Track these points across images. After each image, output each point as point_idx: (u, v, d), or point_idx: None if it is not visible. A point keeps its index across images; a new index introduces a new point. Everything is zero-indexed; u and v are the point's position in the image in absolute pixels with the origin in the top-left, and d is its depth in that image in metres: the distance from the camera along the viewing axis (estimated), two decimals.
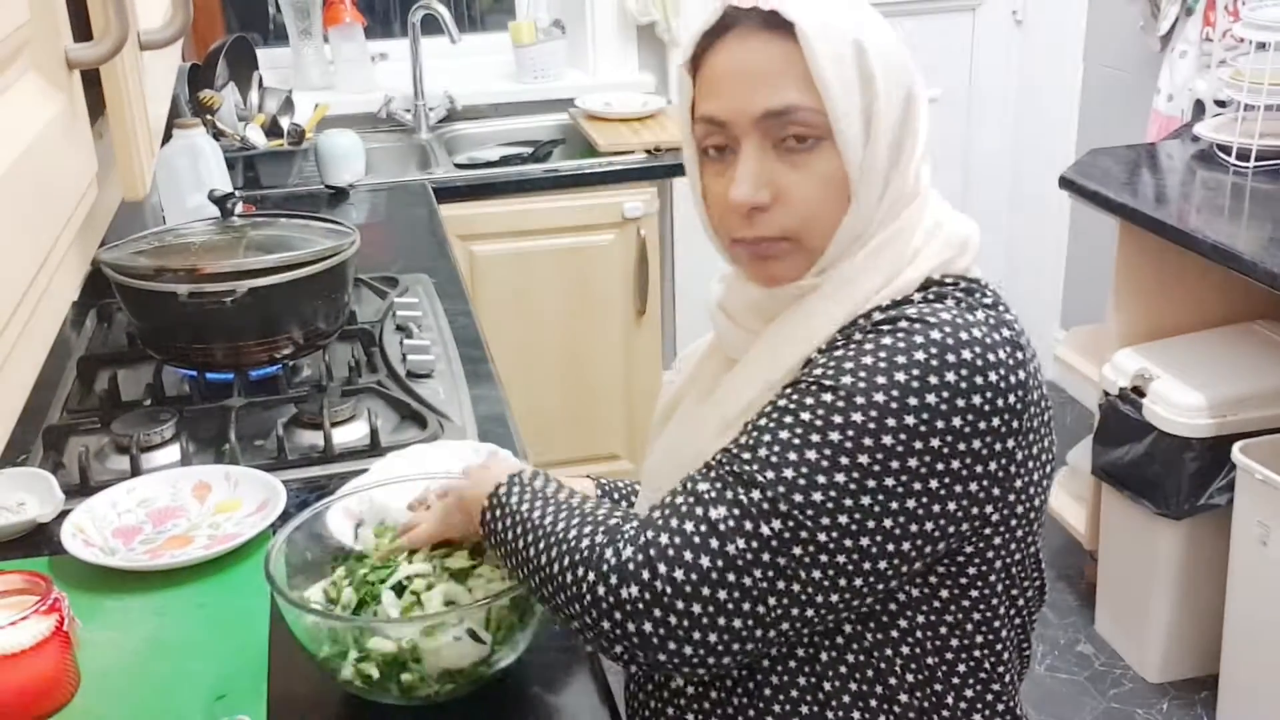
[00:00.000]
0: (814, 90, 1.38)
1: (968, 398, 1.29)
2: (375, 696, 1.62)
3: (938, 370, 1.29)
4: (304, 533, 1.77)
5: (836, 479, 1.28)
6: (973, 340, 1.32)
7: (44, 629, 1.58)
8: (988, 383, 1.30)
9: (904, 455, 1.28)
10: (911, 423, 1.27)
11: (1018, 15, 5.33)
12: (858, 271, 1.42)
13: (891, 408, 1.28)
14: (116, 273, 2.44)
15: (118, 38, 1.18)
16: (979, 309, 1.36)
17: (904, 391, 1.28)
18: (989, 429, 1.31)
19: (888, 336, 1.32)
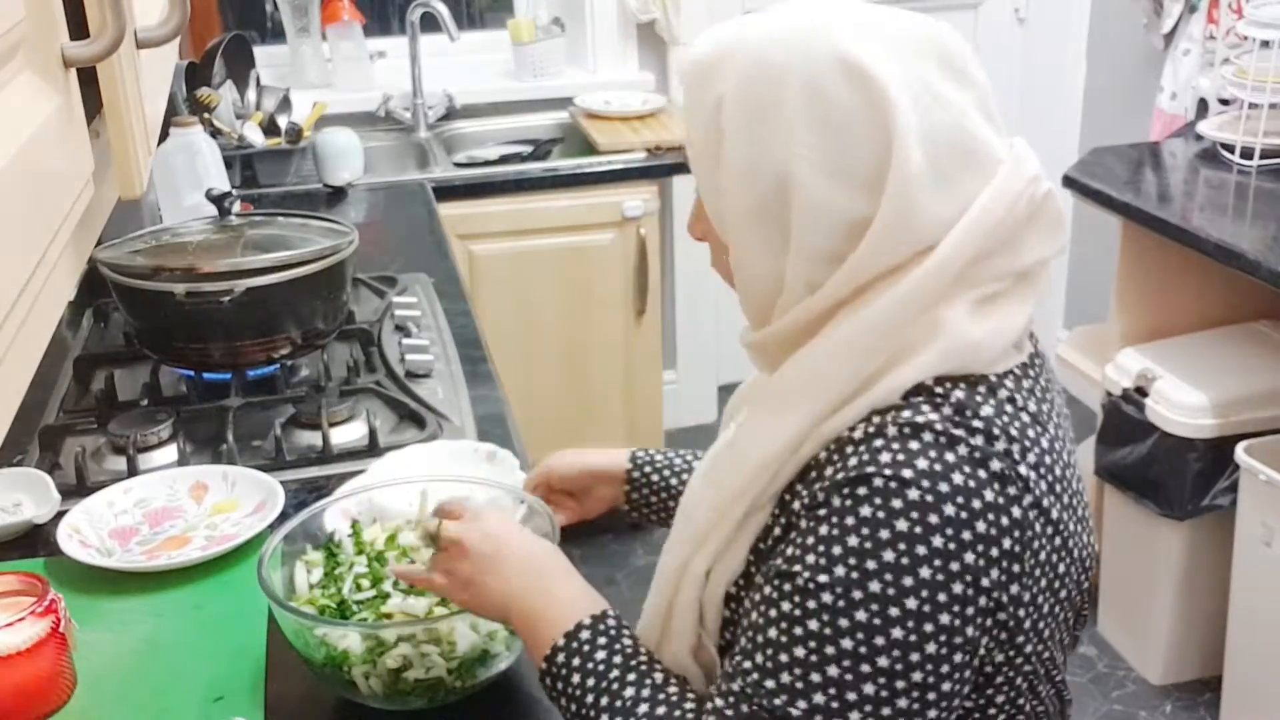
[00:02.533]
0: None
1: (960, 558, 1.21)
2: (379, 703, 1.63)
3: (923, 538, 1.20)
4: (300, 535, 1.77)
5: (865, 690, 1.23)
6: (954, 491, 1.22)
7: (40, 631, 1.58)
8: (978, 535, 1.22)
9: (919, 643, 1.22)
10: (913, 606, 1.21)
11: (1020, 13, 5.33)
12: (824, 358, 1.31)
13: (890, 596, 1.21)
14: (113, 272, 2.44)
15: (114, 35, 1.17)
16: (961, 443, 1.24)
17: (896, 573, 1.20)
18: (991, 583, 1.24)
19: (865, 505, 1.22)
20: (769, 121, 1.28)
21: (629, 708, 1.36)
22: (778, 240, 1.31)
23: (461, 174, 4.34)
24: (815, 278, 1.31)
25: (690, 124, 1.36)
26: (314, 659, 1.61)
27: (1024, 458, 1.26)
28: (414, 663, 1.58)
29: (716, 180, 1.34)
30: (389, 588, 1.70)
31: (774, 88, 1.28)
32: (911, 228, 1.27)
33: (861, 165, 1.26)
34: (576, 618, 1.44)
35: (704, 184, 1.36)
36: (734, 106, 1.30)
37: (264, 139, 4.07)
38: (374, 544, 1.79)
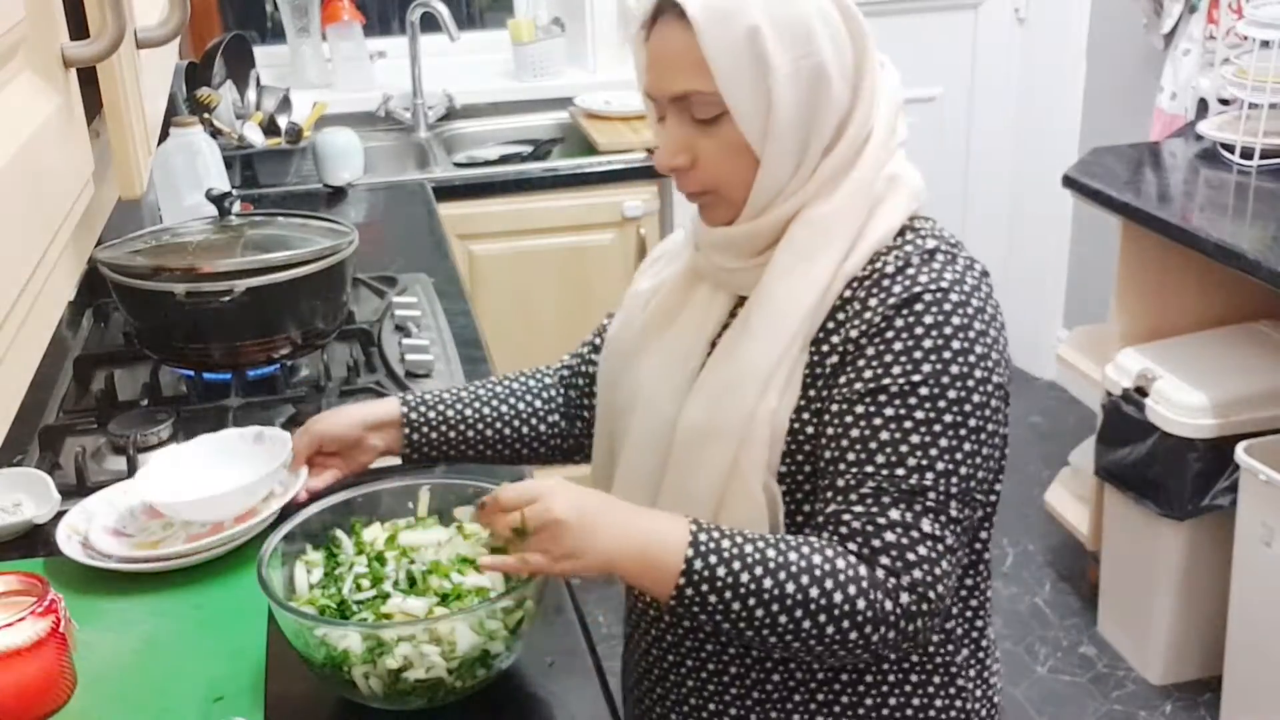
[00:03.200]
0: (710, 75, 1.57)
1: (988, 334, 1.58)
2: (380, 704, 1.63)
3: (969, 326, 1.56)
4: (300, 535, 1.77)
5: (966, 448, 1.56)
6: (972, 290, 1.59)
7: (40, 630, 1.58)
8: (989, 318, 1.60)
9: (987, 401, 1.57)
10: (981, 375, 1.56)
11: (1020, 13, 5.32)
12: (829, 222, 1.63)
13: (965, 373, 1.55)
14: (113, 272, 2.44)
15: (114, 35, 1.18)
16: (958, 257, 1.61)
17: (964, 356, 1.55)
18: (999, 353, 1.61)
19: (927, 314, 1.55)
20: (802, 41, 1.57)
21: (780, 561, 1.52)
22: (806, 137, 1.61)
23: (461, 174, 4.34)
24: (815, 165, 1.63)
25: (718, 55, 1.57)
26: (314, 659, 1.61)
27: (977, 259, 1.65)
28: (414, 663, 1.58)
29: (759, 98, 1.58)
30: (389, 588, 1.69)
31: (800, 14, 1.58)
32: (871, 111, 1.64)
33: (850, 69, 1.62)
34: (679, 535, 1.54)
35: (743, 104, 1.58)
36: (773, 33, 1.56)
37: (264, 139, 4.07)
38: (374, 544, 1.77)
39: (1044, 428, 5.19)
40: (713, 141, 1.63)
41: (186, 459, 2.09)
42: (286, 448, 2.01)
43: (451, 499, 1.84)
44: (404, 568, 1.71)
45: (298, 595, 1.72)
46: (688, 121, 1.63)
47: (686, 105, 1.62)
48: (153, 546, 1.98)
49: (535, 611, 1.67)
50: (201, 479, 2.04)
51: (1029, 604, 4.14)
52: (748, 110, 1.58)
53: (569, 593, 1.91)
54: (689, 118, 1.63)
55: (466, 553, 1.72)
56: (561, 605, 1.88)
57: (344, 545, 1.78)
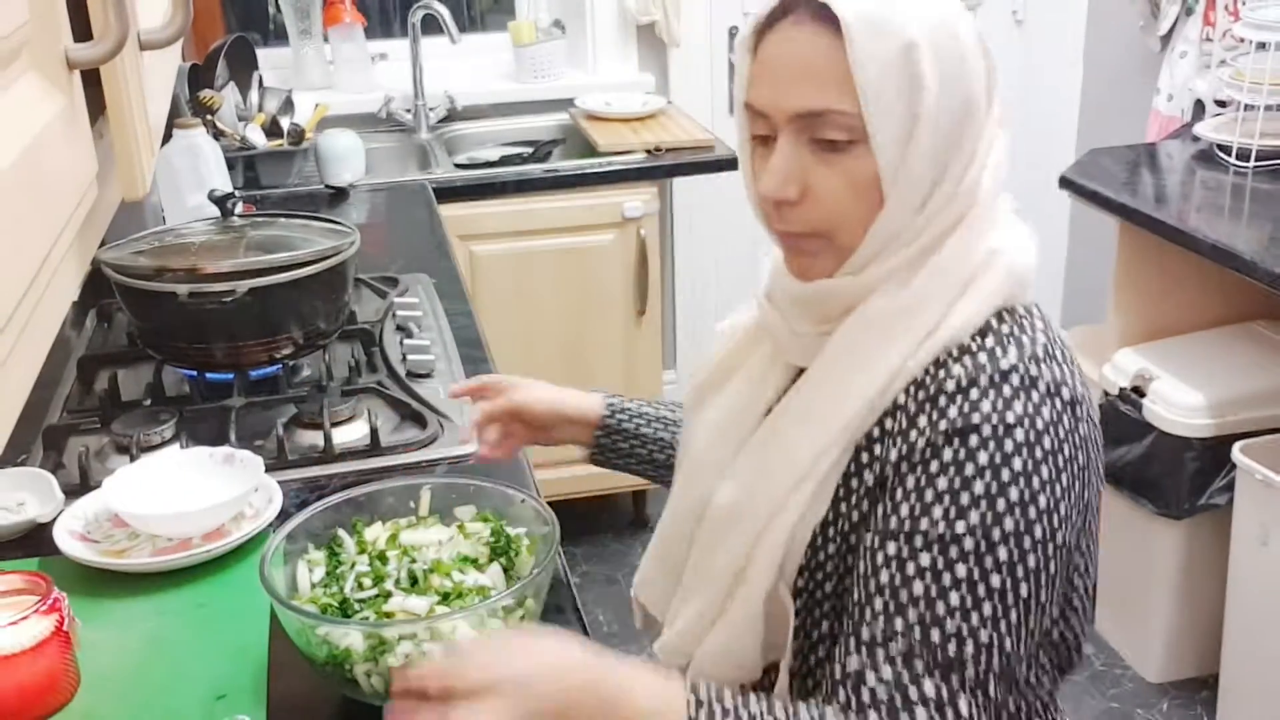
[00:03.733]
0: (853, 92, 1.38)
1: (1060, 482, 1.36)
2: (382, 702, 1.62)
3: (1035, 471, 1.34)
4: (302, 534, 1.78)
5: (1012, 618, 1.34)
6: (1046, 426, 1.36)
7: (44, 629, 1.58)
8: (1067, 459, 1.37)
9: (1046, 564, 1.35)
10: (1040, 534, 1.34)
11: (1018, 15, 5.31)
12: (913, 299, 1.43)
13: (1021, 529, 1.34)
14: (116, 272, 2.44)
15: (118, 38, 1.17)
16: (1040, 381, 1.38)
17: (1023, 508, 1.34)
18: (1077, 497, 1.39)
19: (981, 452, 1.34)
20: (957, 65, 1.40)
21: None
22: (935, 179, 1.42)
23: (463, 175, 4.33)
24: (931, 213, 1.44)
25: (868, 70, 1.37)
26: (316, 657, 1.61)
27: (1076, 377, 1.42)
28: (416, 661, 1.56)
29: (905, 124, 1.39)
30: (390, 586, 1.69)
31: (958, 32, 1.41)
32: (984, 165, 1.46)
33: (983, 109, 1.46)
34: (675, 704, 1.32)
35: (888, 128, 1.39)
36: (929, 51, 1.38)
37: (266, 140, 4.07)
38: (375, 543, 1.78)
39: None
40: (834, 172, 1.42)
41: (155, 472, 2.10)
42: (258, 471, 2.05)
43: (453, 499, 1.85)
44: (405, 566, 1.71)
45: (300, 594, 1.72)
46: (805, 145, 1.42)
47: (810, 126, 1.41)
48: (118, 555, 1.97)
49: (536, 610, 1.67)
50: (169, 493, 2.05)
51: None
52: (888, 138, 1.38)
53: (570, 592, 1.91)
54: (808, 140, 1.42)
55: (468, 552, 1.74)
56: (562, 605, 1.87)
57: (346, 544, 1.79)
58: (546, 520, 1.74)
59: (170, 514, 2.01)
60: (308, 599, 1.71)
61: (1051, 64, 5.22)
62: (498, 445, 2.01)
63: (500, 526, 1.78)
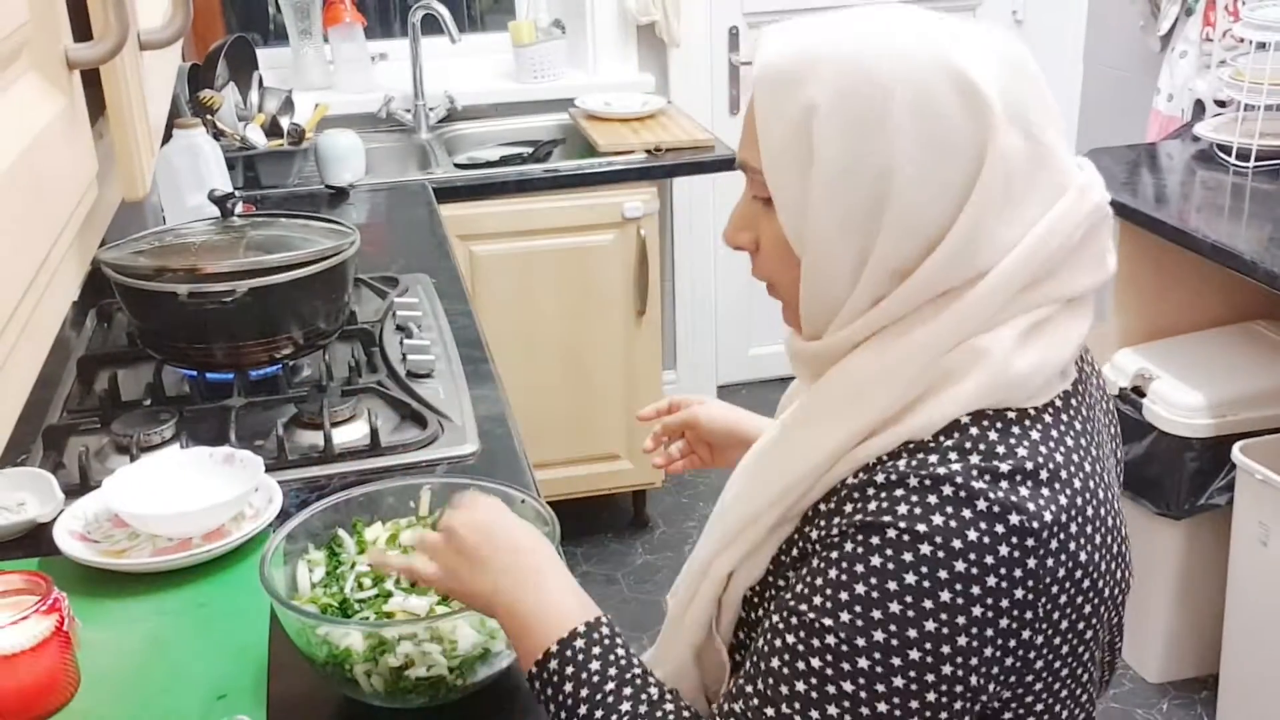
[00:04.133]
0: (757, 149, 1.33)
1: (968, 612, 1.21)
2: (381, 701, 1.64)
3: (931, 592, 1.20)
4: (302, 534, 1.78)
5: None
6: (967, 548, 1.21)
7: (44, 629, 1.58)
8: (988, 589, 1.21)
9: (919, 691, 1.22)
10: (916, 657, 1.21)
11: (1018, 15, 5.31)
12: (868, 380, 1.30)
13: (893, 646, 1.21)
14: (116, 272, 2.44)
15: (118, 38, 1.17)
16: (980, 498, 1.22)
17: (901, 624, 1.21)
18: (998, 633, 1.23)
19: (876, 555, 1.22)
20: (872, 132, 1.24)
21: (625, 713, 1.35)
22: (860, 250, 1.28)
23: (462, 175, 4.33)
24: (883, 291, 1.29)
25: (766, 131, 1.30)
26: (316, 657, 1.62)
27: (1052, 502, 1.24)
28: (416, 661, 1.59)
29: (802, 188, 1.29)
30: (391, 586, 1.71)
31: (879, 98, 1.24)
32: (979, 248, 1.26)
33: (953, 181, 1.25)
34: (569, 623, 1.41)
35: (784, 192, 1.30)
36: (832, 115, 1.26)
37: (266, 140, 4.07)
38: (376, 543, 1.79)
39: None
40: (769, 227, 1.36)
41: (155, 472, 2.10)
42: (258, 471, 2.06)
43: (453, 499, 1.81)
44: None
45: (300, 594, 1.73)
46: (750, 197, 1.38)
47: (750, 179, 1.37)
48: (117, 555, 1.98)
49: None
50: (169, 494, 2.06)
51: None
52: (786, 201, 1.31)
53: None
54: (750, 193, 1.38)
55: None
56: None
57: (346, 544, 1.80)
58: (547, 520, 1.73)
59: (170, 514, 2.01)
60: (308, 599, 1.71)
61: (1051, 64, 5.20)
62: (677, 459, 2.00)
63: None
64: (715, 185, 4.81)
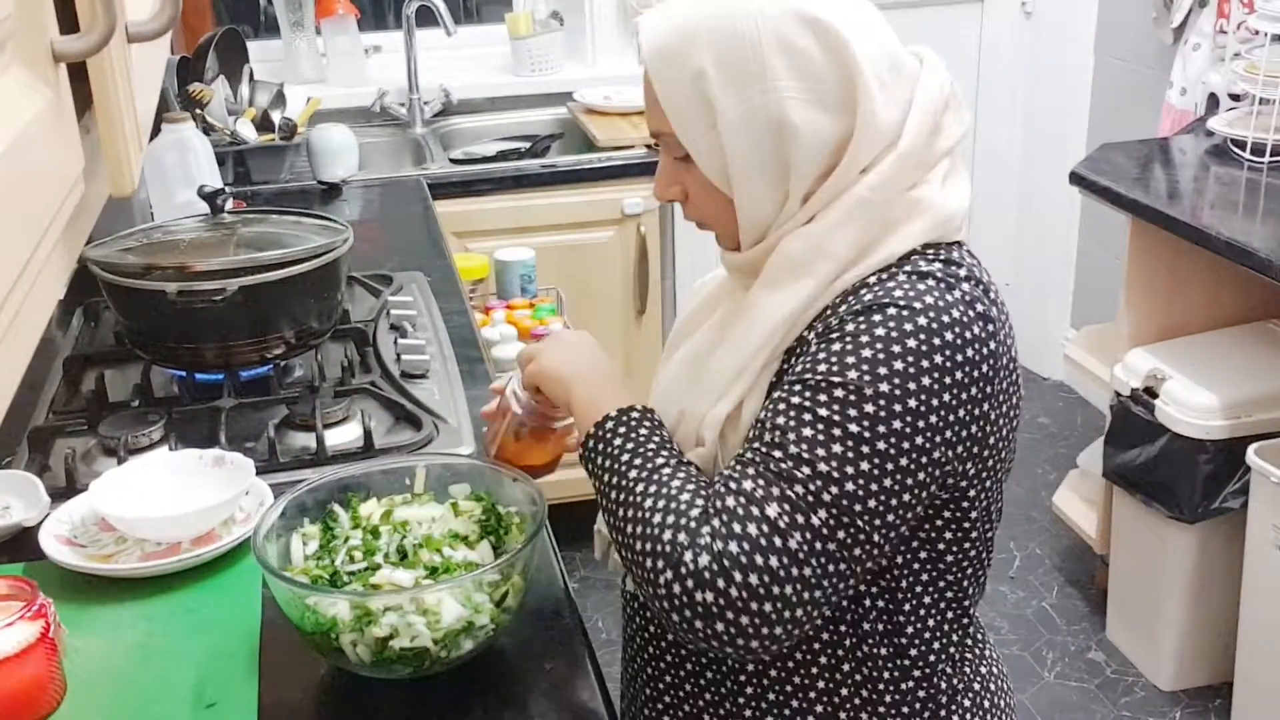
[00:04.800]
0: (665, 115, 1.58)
1: (952, 374, 1.47)
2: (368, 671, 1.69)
3: (926, 354, 1.46)
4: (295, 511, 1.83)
5: (862, 467, 1.45)
6: (952, 322, 1.48)
7: (29, 635, 1.58)
8: (966, 358, 1.48)
9: (911, 434, 1.46)
10: (913, 405, 1.45)
11: (1027, 7, 5.32)
12: (825, 233, 1.55)
13: (895, 394, 1.45)
14: (104, 270, 2.43)
15: (105, 30, 1.17)
16: (956, 288, 1.52)
17: (903, 378, 1.45)
18: (969, 398, 1.50)
19: (880, 327, 1.47)
20: (754, 79, 1.52)
21: (656, 467, 1.56)
22: (778, 173, 1.55)
23: (458, 170, 4.34)
24: (809, 192, 1.56)
25: (669, 100, 1.56)
26: (304, 626, 1.67)
27: (995, 302, 1.56)
28: (400, 632, 1.64)
29: (712, 141, 1.55)
30: (380, 560, 1.75)
31: (751, 51, 1.52)
32: (879, 132, 1.53)
33: (833, 93, 1.53)
34: (614, 403, 1.65)
35: (697, 146, 1.56)
36: (718, 75, 1.52)
37: (257, 135, 4.05)
38: (370, 518, 1.84)
39: (1051, 429, 5.18)
40: (693, 179, 1.62)
41: (143, 475, 2.10)
42: (249, 474, 2.08)
43: (448, 477, 1.92)
44: (396, 541, 1.78)
45: (293, 565, 1.78)
46: (669, 158, 1.65)
47: (664, 143, 1.63)
48: (105, 560, 1.98)
49: (523, 586, 1.73)
50: (157, 497, 2.06)
51: (1036, 608, 4.13)
52: (703, 152, 1.57)
53: (568, 598, 1.93)
54: (669, 155, 1.64)
55: (459, 529, 1.81)
56: (560, 610, 1.90)
57: (340, 519, 1.84)
58: (535, 500, 1.81)
59: (159, 518, 2.01)
60: (300, 570, 1.76)
61: (1062, 57, 5.21)
62: None
63: (491, 505, 1.85)
64: None
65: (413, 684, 1.71)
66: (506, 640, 1.78)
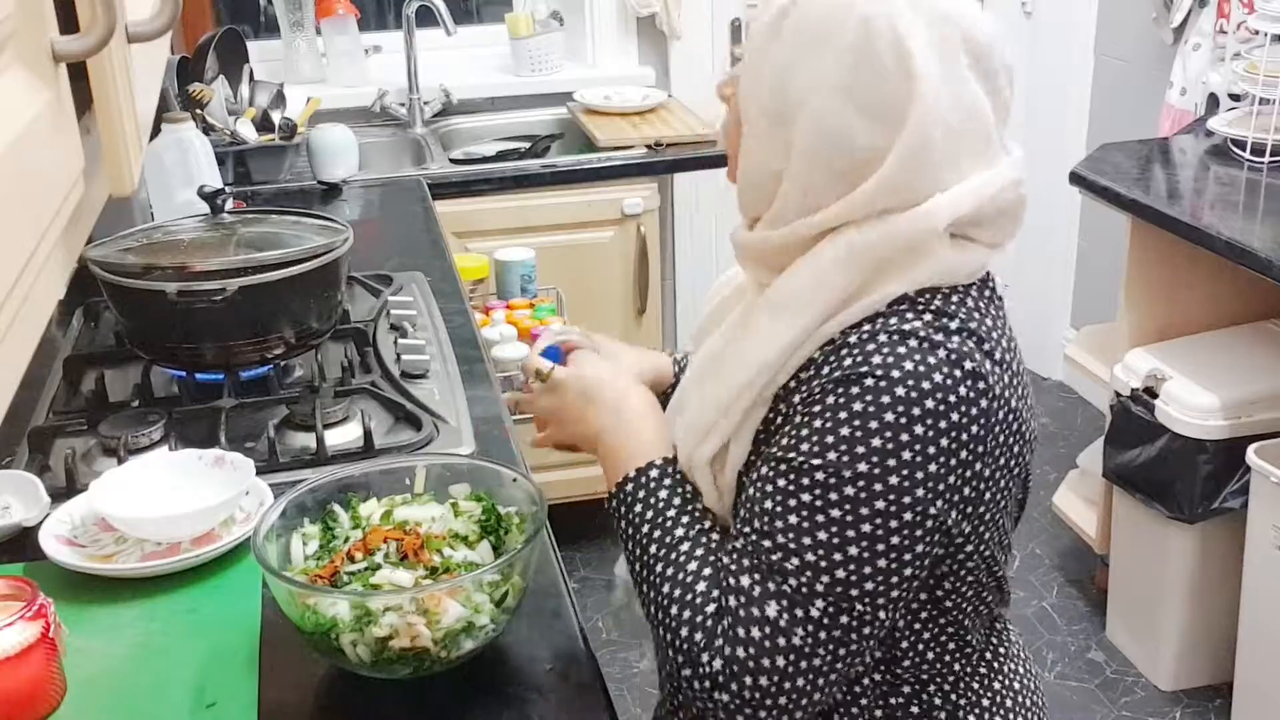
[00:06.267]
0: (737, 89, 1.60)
1: (935, 443, 1.45)
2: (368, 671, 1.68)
3: (905, 427, 1.43)
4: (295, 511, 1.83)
5: (850, 552, 1.45)
6: (934, 388, 1.44)
7: (29, 636, 1.57)
8: (951, 424, 1.45)
9: (897, 512, 1.45)
10: (895, 482, 1.44)
11: (1026, 6, 5.33)
12: (826, 268, 1.52)
13: (874, 474, 1.44)
14: (104, 270, 2.42)
15: (105, 30, 1.18)
16: (940, 347, 1.47)
17: (881, 455, 1.43)
18: (959, 462, 1.47)
19: (857, 401, 1.44)
20: (818, 45, 1.48)
21: (675, 542, 1.58)
22: (783, 145, 1.52)
23: (458, 170, 4.34)
24: (812, 194, 1.52)
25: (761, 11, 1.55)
26: (304, 626, 1.67)
27: (991, 354, 1.50)
28: (400, 632, 1.63)
29: (758, 68, 1.54)
30: (380, 560, 1.75)
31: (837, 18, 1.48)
32: (918, 176, 1.48)
33: (881, 103, 1.46)
34: (645, 459, 1.65)
35: (751, 65, 1.56)
36: (797, 19, 1.50)
37: (257, 135, 4.05)
38: (370, 518, 1.84)
39: (1051, 429, 5.19)
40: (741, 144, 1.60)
41: (143, 475, 2.10)
42: (249, 474, 2.08)
43: (448, 476, 1.92)
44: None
45: (293, 565, 1.78)
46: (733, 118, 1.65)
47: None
48: (105, 560, 1.97)
49: (523, 586, 1.73)
50: (157, 497, 2.06)
51: (1036, 608, 4.13)
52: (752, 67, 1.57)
53: (569, 599, 1.92)
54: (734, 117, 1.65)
55: (459, 529, 1.81)
56: (560, 611, 1.89)
57: (340, 519, 1.85)
58: (535, 500, 1.81)
59: (159, 518, 2.00)
60: (299, 570, 1.77)
61: (1061, 57, 5.21)
62: None
63: (492, 505, 1.84)
64: (717, 181, 4.76)
65: (413, 684, 1.70)
66: (506, 640, 1.78)
